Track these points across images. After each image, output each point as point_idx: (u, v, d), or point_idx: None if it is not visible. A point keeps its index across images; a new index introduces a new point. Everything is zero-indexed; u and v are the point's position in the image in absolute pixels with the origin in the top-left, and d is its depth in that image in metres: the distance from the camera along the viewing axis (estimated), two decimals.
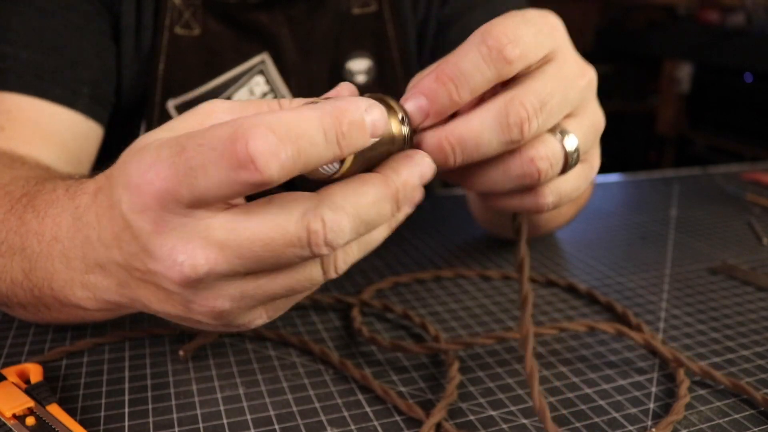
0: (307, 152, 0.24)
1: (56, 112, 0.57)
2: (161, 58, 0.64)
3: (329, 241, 0.26)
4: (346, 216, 0.26)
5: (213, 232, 0.26)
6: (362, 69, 0.70)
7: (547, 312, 0.52)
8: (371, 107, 0.26)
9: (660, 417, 0.39)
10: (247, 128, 0.23)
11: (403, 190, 0.28)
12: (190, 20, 0.64)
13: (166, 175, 0.25)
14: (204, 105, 0.30)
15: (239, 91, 0.67)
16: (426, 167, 0.30)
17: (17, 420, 0.35)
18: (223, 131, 0.24)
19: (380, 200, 0.28)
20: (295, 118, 0.24)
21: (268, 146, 0.23)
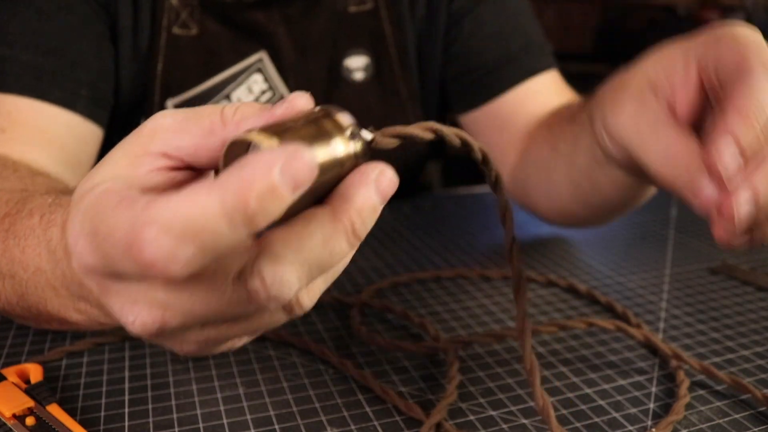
0: (213, 245, 0.20)
1: (56, 114, 0.57)
2: (159, 58, 0.64)
3: (274, 297, 0.23)
4: (290, 266, 0.23)
5: (155, 295, 0.24)
6: (360, 66, 0.71)
7: (547, 312, 0.52)
8: (291, 157, 0.20)
9: (660, 417, 0.39)
10: (140, 229, 0.20)
11: (359, 218, 0.25)
12: (187, 20, 0.64)
13: (89, 253, 0.23)
14: (147, 123, 0.27)
15: (237, 89, 0.67)
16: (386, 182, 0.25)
17: (17, 420, 0.35)
18: (122, 225, 0.21)
19: (331, 239, 0.24)
20: (192, 211, 0.20)
21: (163, 251, 0.20)
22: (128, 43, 0.64)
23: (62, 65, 0.58)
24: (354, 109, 0.61)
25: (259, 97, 0.68)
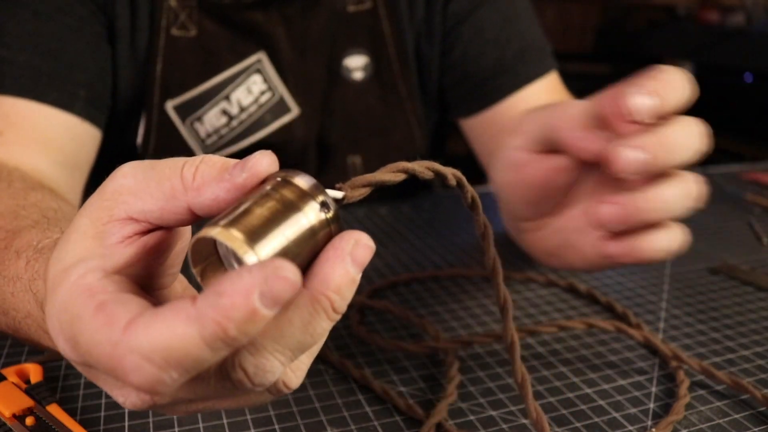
0: (195, 366, 0.21)
1: (53, 116, 0.57)
2: (158, 60, 0.64)
3: (259, 384, 0.23)
4: (270, 355, 0.23)
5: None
6: (359, 66, 0.71)
7: (547, 312, 0.52)
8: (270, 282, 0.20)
9: (660, 417, 0.39)
10: (122, 356, 0.21)
11: (338, 296, 0.24)
12: (186, 21, 0.64)
13: (71, 353, 0.23)
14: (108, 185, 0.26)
15: (237, 89, 0.67)
16: (362, 251, 0.25)
17: (17, 420, 0.35)
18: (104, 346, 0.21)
19: (311, 322, 0.24)
20: (172, 341, 0.20)
21: (147, 378, 0.21)
22: (126, 45, 0.64)
23: (60, 67, 0.58)
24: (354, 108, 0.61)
25: (258, 98, 0.68)
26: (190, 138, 0.67)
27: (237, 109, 0.68)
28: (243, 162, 0.24)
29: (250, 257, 0.22)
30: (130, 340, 0.21)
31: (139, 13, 0.64)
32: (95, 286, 0.23)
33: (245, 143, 0.69)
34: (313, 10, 0.68)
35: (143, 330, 0.20)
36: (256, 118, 0.68)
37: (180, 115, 0.67)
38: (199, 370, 0.21)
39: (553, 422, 0.38)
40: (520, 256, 0.63)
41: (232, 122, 0.68)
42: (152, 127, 0.66)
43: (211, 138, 0.68)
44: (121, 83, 0.65)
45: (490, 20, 0.71)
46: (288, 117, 0.69)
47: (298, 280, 0.20)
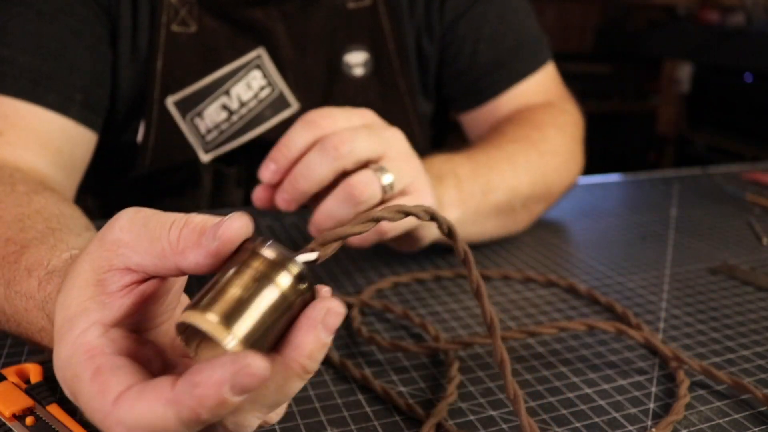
0: None
1: (51, 118, 0.58)
2: (159, 56, 0.64)
3: None
4: (248, 414, 0.26)
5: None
6: (359, 62, 0.71)
7: (547, 312, 0.52)
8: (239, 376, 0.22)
9: (660, 417, 0.39)
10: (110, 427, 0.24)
11: (310, 360, 0.26)
12: (186, 17, 0.65)
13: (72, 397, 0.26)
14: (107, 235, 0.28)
15: (237, 85, 0.67)
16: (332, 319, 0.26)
17: (17, 420, 0.35)
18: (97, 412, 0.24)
19: (284, 385, 0.26)
20: (152, 419, 0.23)
21: None
22: (127, 44, 0.64)
23: (58, 69, 0.58)
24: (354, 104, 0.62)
25: (258, 93, 0.68)
26: (190, 134, 0.68)
27: (237, 104, 0.68)
28: (214, 229, 0.26)
29: (228, 342, 0.24)
30: (118, 413, 0.24)
31: (141, 12, 0.64)
32: (95, 347, 0.26)
33: (245, 138, 0.69)
34: (312, 6, 0.68)
35: (129, 406, 0.24)
36: (256, 113, 0.68)
37: (180, 111, 0.67)
38: None
39: (553, 422, 0.38)
40: (520, 256, 0.63)
41: (232, 117, 0.68)
42: (152, 124, 0.66)
43: (212, 134, 0.68)
44: (122, 83, 0.65)
45: (487, 16, 0.72)
46: (288, 112, 0.69)
47: (266, 373, 0.23)
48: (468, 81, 0.73)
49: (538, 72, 0.74)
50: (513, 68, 0.72)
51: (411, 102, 0.73)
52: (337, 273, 0.57)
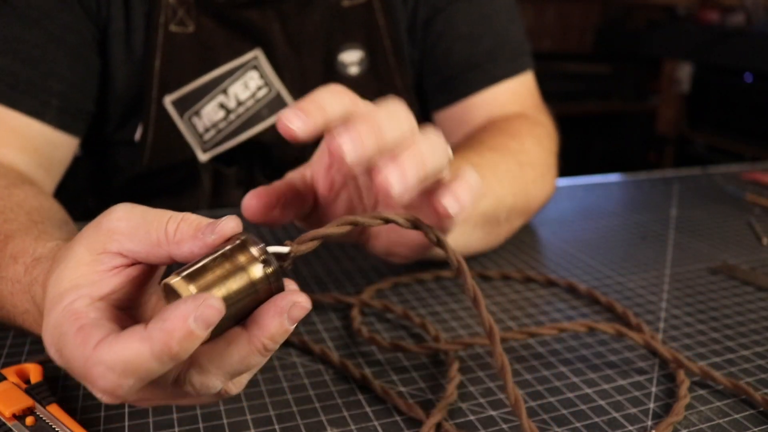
0: (149, 374, 0.26)
1: (27, 123, 0.59)
2: (157, 56, 0.65)
3: (204, 395, 0.30)
4: (213, 376, 0.29)
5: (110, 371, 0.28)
6: (354, 60, 0.71)
7: (547, 312, 0.52)
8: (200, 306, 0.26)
9: (660, 417, 0.39)
10: (90, 367, 0.26)
11: (271, 341, 0.29)
12: (184, 18, 0.65)
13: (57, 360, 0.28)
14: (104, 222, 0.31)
15: (234, 84, 0.67)
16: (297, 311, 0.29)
17: (17, 420, 0.35)
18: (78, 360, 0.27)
19: (247, 357, 0.29)
20: (129, 355, 0.26)
21: (110, 384, 0.26)
22: (121, 46, 0.64)
23: (36, 75, 0.59)
24: None
25: (255, 93, 0.68)
26: (188, 133, 0.68)
27: (234, 103, 0.68)
28: (213, 225, 0.30)
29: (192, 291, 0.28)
30: (97, 355, 0.26)
31: (134, 14, 0.64)
32: (81, 312, 0.28)
33: (242, 138, 0.69)
34: (308, 6, 0.68)
35: (107, 348, 0.26)
36: (253, 113, 0.68)
37: (178, 110, 0.67)
38: (151, 378, 0.27)
39: (553, 422, 0.38)
40: (520, 256, 0.63)
41: (229, 116, 0.68)
42: (150, 123, 0.66)
43: (209, 133, 0.68)
44: (116, 84, 0.65)
45: (466, 15, 0.71)
46: None
47: (222, 309, 0.26)
48: (441, 78, 0.72)
49: (515, 78, 0.72)
50: (488, 70, 0.71)
51: (408, 99, 0.73)
52: (337, 273, 0.57)
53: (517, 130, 0.65)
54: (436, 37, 0.72)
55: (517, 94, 0.72)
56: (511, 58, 0.72)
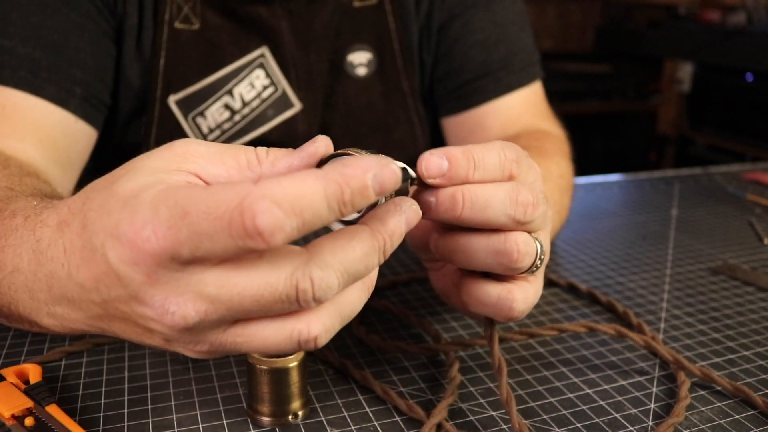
0: (311, 222, 0.25)
1: (49, 111, 0.57)
2: (161, 54, 0.64)
3: (318, 298, 0.27)
4: (335, 273, 0.27)
5: (205, 287, 0.26)
6: (363, 61, 0.70)
7: (547, 312, 0.52)
8: (382, 168, 0.26)
9: (661, 417, 0.39)
10: (253, 201, 0.24)
11: (390, 240, 0.29)
12: (189, 14, 0.64)
13: (165, 235, 0.25)
14: (178, 145, 0.29)
15: (240, 84, 0.67)
16: (412, 214, 0.30)
17: (16, 420, 0.35)
18: (230, 201, 0.24)
19: (368, 254, 0.28)
20: (301, 191, 0.24)
21: (274, 221, 0.24)
22: (132, 43, 0.64)
23: (59, 62, 0.58)
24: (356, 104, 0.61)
25: (261, 93, 0.68)
26: (192, 134, 0.67)
27: (240, 103, 0.68)
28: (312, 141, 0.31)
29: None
30: (262, 189, 0.24)
31: (146, 11, 0.63)
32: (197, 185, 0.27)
33: (247, 138, 0.69)
34: (317, 4, 0.67)
35: (275, 182, 0.24)
36: (258, 113, 0.68)
37: (182, 110, 0.67)
38: (312, 228, 0.25)
39: (553, 422, 0.38)
40: None
41: (234, 117, 0.68)
42: (154, 123, 0.66)
43: (214, 133, 0.68)
44: (126, 82, 0.65)
45: (482, 21, 0.71)
46: (290, 112, 0.69)
47: (400, 179, 0.27)
48: (455, 84, 0.72)
49: (527, 87, 0.72)
50: (501, 78, 0.71)
51: (414, 103, 0.73)
52: None
53: (551, 150, 0.63)
54: (451, 43, 0.71)
55: (529, 103, 0.72)
56: (523, 66, 0.72)
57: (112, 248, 0.26)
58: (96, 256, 0.27)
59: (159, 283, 0.26)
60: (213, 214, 0.24)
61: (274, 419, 0.37)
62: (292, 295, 0.26)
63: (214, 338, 0.28)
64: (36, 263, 0.31)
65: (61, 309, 0.31)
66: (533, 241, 0.36)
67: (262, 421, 0.37)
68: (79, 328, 0.32)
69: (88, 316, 0.31)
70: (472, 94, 0.71)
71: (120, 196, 0.27)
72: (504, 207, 0.34)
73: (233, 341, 0.28)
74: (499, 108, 0.71)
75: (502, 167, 0.35)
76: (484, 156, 0.34)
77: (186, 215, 0.25)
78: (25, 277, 0.32)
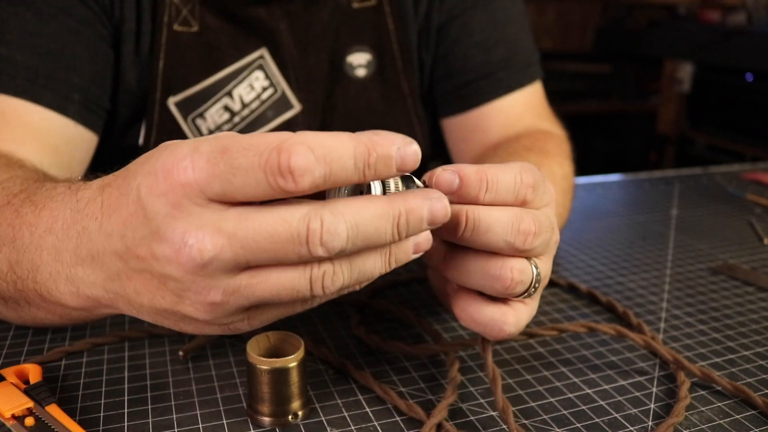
0: (336, 174, 0.27)
1: (48, 118, 0.57)
2: (161, 56, 0.64)
3: (324, 242, 0.28)
4: (344, 222, 0.28)
5: (225, 223, 0.28)
6: (362, 63, 0.70)
7: (547, 312, 0.52)
8: (406, 145, 0.29)
9: (661, 417, 0.39)
10: (292, 143, 0.27)
11: (406, 216, 0.30)
12: (188, 17, 0.64)
13: (203, 167, 0.27)
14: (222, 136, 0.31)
15: (239, 86, 0.67)
16: (438, 205, 0.31)
17: (16, 420, 0.35)
18: (271, 140, 0.27)
19: (380, 217, 0.29)
20: (333, 143, 0.27)
21: (306, 163, 0.26)
22: (131, 47, 0.64)
23: (56, 69, 0.58)
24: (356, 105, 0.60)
25: (260, 94, 0.68)
26: (192, 135, 0.67)
27: (239, 105, 0.68)
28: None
29: None
30: (301, 136, 0.27)
31: (144, 15, 0.63)
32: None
33: None
34: (316, 5, 0.67)
35: (314, 134, 0.27)
36: (258, 115, 0.68)
37: (182, 112, 0.67)
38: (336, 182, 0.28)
39: (553, 423, 0.38)
40: None
41: (234, 118, 0.68)
42: (153, 125, 0.66)
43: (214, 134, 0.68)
44: (125, 85, 0.65)
45: (481, 22, 0.71)
46: (290, 113, 0.69)
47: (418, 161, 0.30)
48: (454, 85, 0.72)
49: (527, 88, 0.72)
50: (502, 79, 0.71)
51: (413, 104, 0.73)
52: None
53: (553, 151, 0.63)
54: (451, 44, 0.71)
55: (529, 103, 0.72)
56: (523, 67, 0.72)
57: (145, 184, 0.28)
58: (129, 198, 0.29)
59: (182, 216, 0.28)
60: (252, 150, 0.27)
61: (274, 419, 0.37)
62: (302, 233, 0.27)
63: (227, 283, 0.29)
64: (71, 221, 0.33)
65: (83, 270, 0.33)
66: (530, 268, 0.36)
67: (262, 421, 0.37)
68: (95, 295, 0.33)
69: (107, 276, 0.32)
70: (472, 95, 0.71)
71: (161, 148, 0.29)
72: (505, 233, 0.34)
73: (248, 283, 0.29)
74: (500, 108, 0.71)
75: (516, 191, 0.35)
76: (498, 177, 0.35)
77: (226, 150, 0.27)
78: (56, 237, 0.34)
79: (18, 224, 0.37)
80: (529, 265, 0.36)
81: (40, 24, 0.58)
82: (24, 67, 0.56)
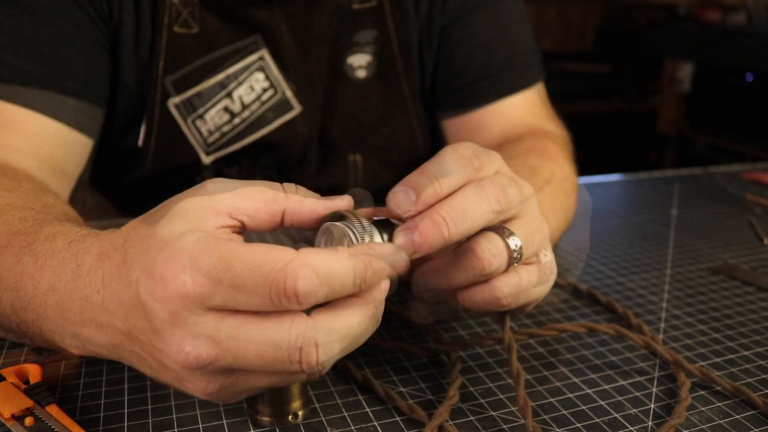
0: (336, 291, 0.29)
1: (43, 123, 0.57)
2: (161, 57, 0.64)
3: (321, 363, 0.30)
4: (338, 340, 0.30)
5: (219, 334, 0.29)
6: (362, 64, 0.70)
7: (547, 312, 0.52)
8: (395, 253, 0.31)
9: (661, 417, 0.39)
10: (297, 266, 0.28)
11: (380, 304, 0.32)
12: (188, 18, 0.64)
13: (203, 283, 0.28)
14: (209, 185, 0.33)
15: (239, 87, 0.67)
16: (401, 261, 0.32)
17: (16, 420, 0.35)
18: (275, 262, 0.28)
19: (365, 320, 0.31)
20: (336, 265, 0.29)
21: (311, 287, 0.28)
22: (130, 50, 0.63)
23: (51, 73, 0.57)
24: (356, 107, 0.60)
25: (261, 95, 0.68)
26: (191, 137, 0.67)
27: (239, 106, 0.67)
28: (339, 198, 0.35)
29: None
30: (304, 257, 0.28)
31: (143, 17, 0.63)
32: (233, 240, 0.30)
33: (246, 141, 0.68)
34: (316, 6, 0.67)
35: (315, 253, 0.29)
36: (258, 116, 0.68)
37: (182, 114, 0.66)
38: (334, 298, 0.29)
39: (553, 423, 0.38)
40: None
41: (234, 120, 0.68)
42: (153, 126, 0.66)
43: (213, 136, 0.67)
44: (125, 88, 0.65)
45: (484, 23, 0.71)
46: (290, 115, 0.69)
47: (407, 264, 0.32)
48: (456, 86, 0.72)
49: (529, 89, 0.72)
50: (504, 80, 0.71)
51: (414, 105, 0.73)
52: None
53: (554, 152, 0.63)
54: (453, 45, 0.71)
55: (531, 104, 0.72)
56: (525, 68, 0.72)
57: (145, 284, 0.29)
58: (129, 289, 0.30)
59: (180, 324, 0.29)
60: (258, 271, 0.28)
61: (274, 419, 0.37)
62: (294, 357, 0.29)
63: (223, 379, 0.31)
64: (73, 286, 0.34)
65: (87, 331, 0.34)
66: (498, 239, 0.36)
67: (262, 421, 0.37)
68: (98, 352, 0.35)
69: (111, 342, 0.33)
70: (474, 96, 0.71)
71: (159, 237, 0.30)
72: (480, 205, 0.34)
73: (245, 378, 0.31)
74: (501, 109, 0.71)
75: (462, 166, 0.35)
76: (439, 165, 0.35)
77: (230, 269, 0.28)
78: (60, 297, 0.35)
79: (19, 273, 0.37)
80: (498, 237, 0.36)
81: (35, 28, 0.57)
82: (18, 72, 0.56)
